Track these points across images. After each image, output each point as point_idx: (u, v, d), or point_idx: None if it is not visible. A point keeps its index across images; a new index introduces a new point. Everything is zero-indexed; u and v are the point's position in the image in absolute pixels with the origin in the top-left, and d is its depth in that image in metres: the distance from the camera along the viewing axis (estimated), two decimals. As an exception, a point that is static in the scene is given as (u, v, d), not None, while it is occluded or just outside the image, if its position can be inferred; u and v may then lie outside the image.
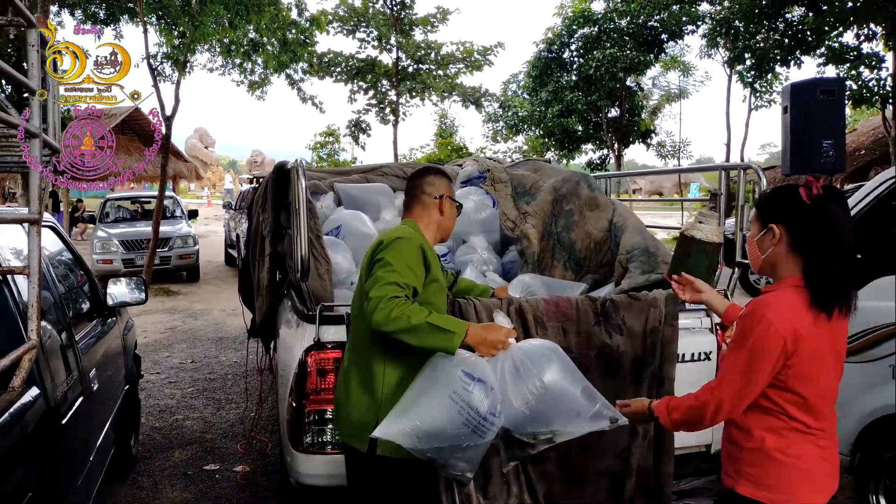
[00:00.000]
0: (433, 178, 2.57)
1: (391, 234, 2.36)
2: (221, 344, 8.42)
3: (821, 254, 1.93)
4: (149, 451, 4.97)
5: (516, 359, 2.19)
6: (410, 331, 2.09)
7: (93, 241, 13.30)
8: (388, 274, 2.18)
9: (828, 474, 2.01)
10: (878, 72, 13.51)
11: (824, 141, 5.30)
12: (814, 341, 1.91)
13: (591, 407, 2.21)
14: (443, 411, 2.09)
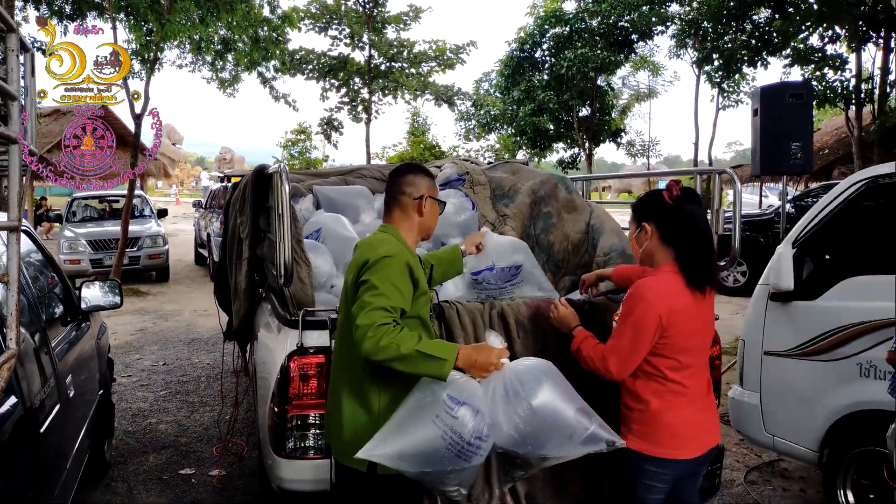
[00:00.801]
0: (412, 178, 2.47)
1: (375, 250, 2.25)
2: (194, 345, 8.33)
3: (686, 244, 2.36)
4: (122, 456, 4.91)
5: (507, 380, 2.14)
6: (400, 360, 2.05)
7: (59, 241, 13.04)
8: (374, 298, 2.12)
9: (704, 430, 2.44)
10: (842, 73, 13.84)
11: (793, 143, 5.43)
12: (689, 315, 2.33)
13: (586, 430, 2.16)
14: (426, 435, 2.05)
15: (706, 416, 2.47)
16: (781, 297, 3.89)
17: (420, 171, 2.52)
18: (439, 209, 2.53)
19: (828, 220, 3.82)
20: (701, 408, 2.44)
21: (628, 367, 2.35)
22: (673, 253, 2.38)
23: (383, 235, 2.37)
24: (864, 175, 3.79)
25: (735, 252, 3.26)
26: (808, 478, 4.50)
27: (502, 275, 3.13)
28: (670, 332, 2.31)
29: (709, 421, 2.48)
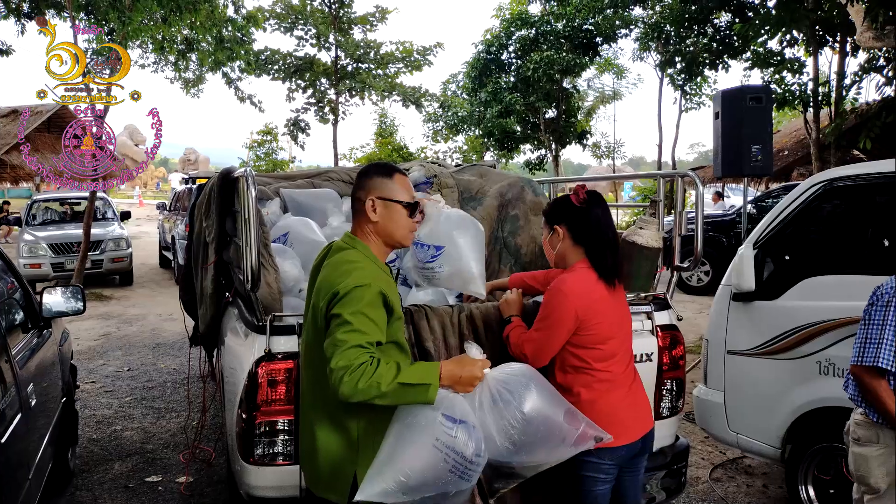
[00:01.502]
0: (362, 181, 2.27)
1: (345, 278, 2.04)
2: (159, 350, 8.21)
3: (595, 242, 2.54)
4: (87, 465, 4.82)
5: (493, 390, 2.09)
6: (382, 397, 1.93)
7: (19, 245, 12.73)
8: (348, 335, 1.95)
9: (636, 416, 2.57)
10: (800, 76, 14.15)
11: (753, 146, 5.54)
12: (606, 305, 2.50)
13: (576, 430, 2.14)
14: (427, 461, 1.96)
15: (636, 402, 2.60)
16: (743, 297, 3.98)
17: (372, 172, 2.29)
18: (403, 213, 2.23)
19: (787, 222, 3.92)
20: (629, 394, 2.56)
21: (543, 355, 2.48)
22: (583, 251, 2.56)
23: (351, 254, 2.17)
24: (822, 178, 3.89)
25: (698, 252, 3.33)
26: (770, 473, 4.60)
27: (421, 253, 3.01)
28: (591, 323, 2.46)
29: (640, 406, 2.61)
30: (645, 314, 3.18)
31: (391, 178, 2.25)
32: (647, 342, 3.14)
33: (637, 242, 3.19)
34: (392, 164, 2.37)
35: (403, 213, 2.23)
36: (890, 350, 2.63)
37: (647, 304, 3.20)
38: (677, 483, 3.26)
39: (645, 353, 3.13)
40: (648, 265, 3.23)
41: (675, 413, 3.29)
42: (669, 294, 3.36)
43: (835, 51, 14.01)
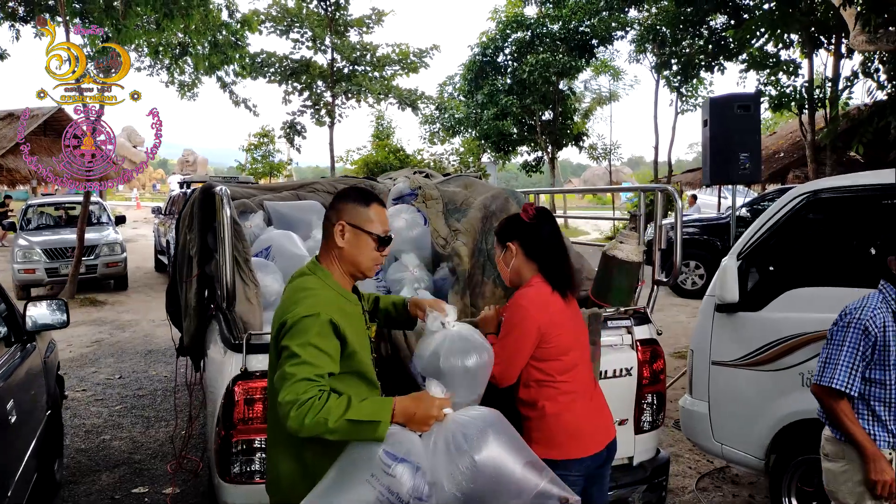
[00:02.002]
0: (337, 202, 2.22)
1: (295, 307, 2.01)
2: (151, 357, 8.20)
3: (547, 256, 2.60)
4: (74, 476, 4.82)
5: (449, 433, 1.96)
6: (330, 433, 1.87)
7: (13, 250, 12.71)
8: (296, 369, 1.90)
9: (600, 426, 2.62)
10: (795, 78, 14.16)
11: (741, 153, 5.55)
12: (564, 317, 2.56)
13: (535, 486, 1.99)
14: (360, 496, 1.88)
15: (598, 411, 2.65)
16: (727, 308, 3.98)
17: (350, 196, 2.23)
18: (372, 244, 2.18)
19: (771, 233, 3.92)
20: (592, 403, 2.62)
21: (511, 371, 2.50)
22: (537, 266, 2.62)
23: (308, 280, 2.13)
24: (806, 189, 3.89)
25: (676, 268, 3.33)
26: (757, 484, 4.60)
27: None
28: (552, 335, 2.50)
29: (602, 415, 2.66)
30: (625, 328, 3.18)
31: (367, 206, 2.20)
32: (626, 357, 3.15)
33: (617, 257, 3.20)
34: (371, 193, 2.29)
35: (372, 244, 2.18)
36: (846, 372, 2.67)
37: (626, 318, 3.20)
38: (658, 497, 3.26)
39: (625, 367, 3.13)
40: (628, 279, 3.24)
41: (656, 427, 3.29)
42: (650, 308, 3.36)
43: (830, 53, 14.04)
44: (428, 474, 1.93)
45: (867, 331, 2.65)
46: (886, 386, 2.68)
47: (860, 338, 2.66)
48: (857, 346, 2.66)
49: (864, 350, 2.66)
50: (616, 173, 44.61)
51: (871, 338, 2.65)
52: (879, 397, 2.70)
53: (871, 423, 2.72)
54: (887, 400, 2.69)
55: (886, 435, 2.71)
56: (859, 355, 2.67)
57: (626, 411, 3.18)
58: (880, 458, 2.64)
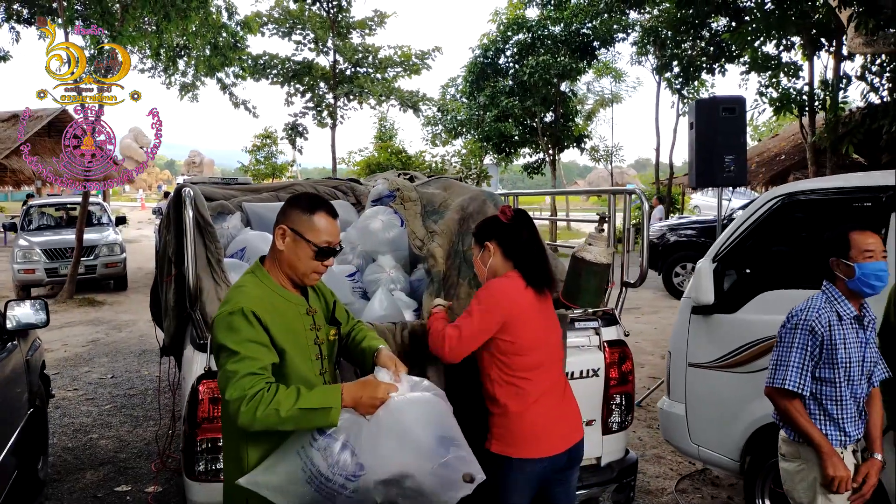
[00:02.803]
0: (285, 206, 2.23)
1: (223, 307, 2.06)
2: (144, 357, 8.26)
3: (524, 255, 2.66)
4: (59, 474, 4.86)
5: (386, 416, 2.00)
6: (283, 423, 1.90)
7: (14, 250, 12.81)
8: (237, 365, 1.93)
9: (563, 429, 2.60)
10: (796, 80, 14.12)
11: (726, 156, 5.55)
12: (533, 313, 2.59)
13: (441, 457, 1.99)
14: (289, 466, 1.97)
15: (565, 414, 2.64)
16: (703, 310, 3.99)
17: (299, 202, 2.23)
18: (310, 253, 2.15)
19: (746, 235, 3.93)
20: (558, 405, 2.61)
21: (461, 350, 2.54)
22: (513, 264, 2.67)
23: (244, 278, 2.18)
24: (781, 192, 3.90)
25: (643, 269, 3.35)
26: (737, 485, 4.60)
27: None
28: (516, 327, 2.53)
29: (568, 418, 2.65)
30: (592, 330, 3.20)
31: (312, 214, 2.17)
32: (593, 357, 3.17)
33: (585, 258, 3.21)
34: (322, 201, 2.25)
35: (310, 253, 2.15)
36: (796, 372, 2.71)
37: (594, 319, 3.21)
38: (626, 497, 3.28)
39: (591, 368, 3.15)
40: (597, 281, 3.24)
41: (624, 427, 3.31)
42: (618, 310, 3.37)
43: (831, 54, 13.99)
44: (359, 454, 1.96)
45: (814, 331, 2.70)
46: (835, 384, 2.73)
47: (808, 338, 2.70)
48: (806, 346, 2.71)
49: (812, 350, 2.71)
50: (621, 175, 44.61)
51: (818, 337, 2.70)
52: (830, 396, 2.75)
53: (824, 421, 2.76)
54: (837, 398, 2.74)
55: (838, 433, 2.75)
56: (808, 355, 2.71)
57: (594, 412, 3.19)
58: (834, 454, 2.68)
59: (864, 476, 2.75)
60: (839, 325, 2.71)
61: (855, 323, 2.75)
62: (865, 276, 2.67)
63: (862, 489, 2.74)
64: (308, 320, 2.21)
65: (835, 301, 2.75)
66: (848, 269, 2.71)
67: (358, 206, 4.62)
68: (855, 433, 2.78)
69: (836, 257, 2.76)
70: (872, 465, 2.78)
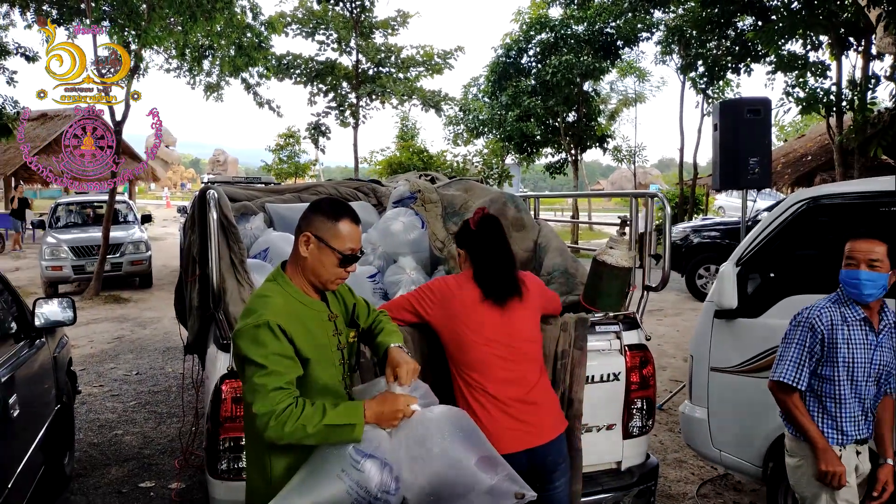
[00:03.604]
0: (308, 212, 2.21)
1: (246, 318, 2.04)
2: (169, 354, 8.36)
3: (479, 262, 2.73)
4: (85, 469, 4.94)
5: (412, 428, 2.02)
6: (308, 438, 1.95)
7: (42, 247, 13.03)
8: (265, 379, 1.94)
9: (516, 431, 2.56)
10: (823, 80, 13.91)
11: (751, 158, 5.49)
12: (483, 317, 2.64)
13: (489, 480, 2.00)
14: (331, 492, 1.95)
15: (523, 416, 2.60)
16: (726, 314, 3.95)
17: (322, 208, 2.21)
18: (335, 260, 2.14)
19: (770, 239, 3.89)
20: (516, 406, 2.59)
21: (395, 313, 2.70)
22: (472, 270, 2.76)
23: (267, 287, 2.18)
24: (806, 195, 3.86)
25: (665, 273, 3.32)
26: (759, 491, 4.55)
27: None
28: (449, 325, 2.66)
29: (531, 420, 2.60)
30: (613, 334, 3.18)
31: (336, 221, 2.16)
32: (614, 361, 3.15)
33: (606, 262, 3.20)
34: (346, 207, 2.23)
35: (334, 260, 2.14)
36: (793, 367, 2.83)
37: (615, 323, 3.20)
38: (646, 502, 3.26)
39: (612, 372, 3.14)
40: (618, 284, 3.24)
41: (645, 432, 3.28)
42: (640, 313, 3.36)
43: (860, 54, 13.77)
44: (395, 469, 1.99)
45: (813, 328, 2.82)
46: (835, 382, 2.81)
47: (806, 334, 2.83)
48: (804, 342, 2.83)
49: (811, 346, 2.82)
50: (644, 175, 44.26)
51: (818, 334, 2.81)
52: (829, 393, 2.83)
53: (822, 418, 2.85)
54: (837, 396, 2.81)
55: (835, 432, 2.82)
56: (806, 351, 2.82)
57: (615, 416, 3.18)
58: (828, 449, 2.77)
59: (883, 484, 2.83)
60: (843, 326, 2.80)
61: (864, 325, 2.82)
62: (843, 282, 2.84)
63: (882, 496, 2.82)
64: (330, 326, 2.22)
65: (842, 303, 2.86)
66: None
67: (379, 208, 4.64)
68: (854, 433, 2.84)
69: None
70: (886, 471, 2.84)
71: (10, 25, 16.56)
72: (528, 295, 2.75)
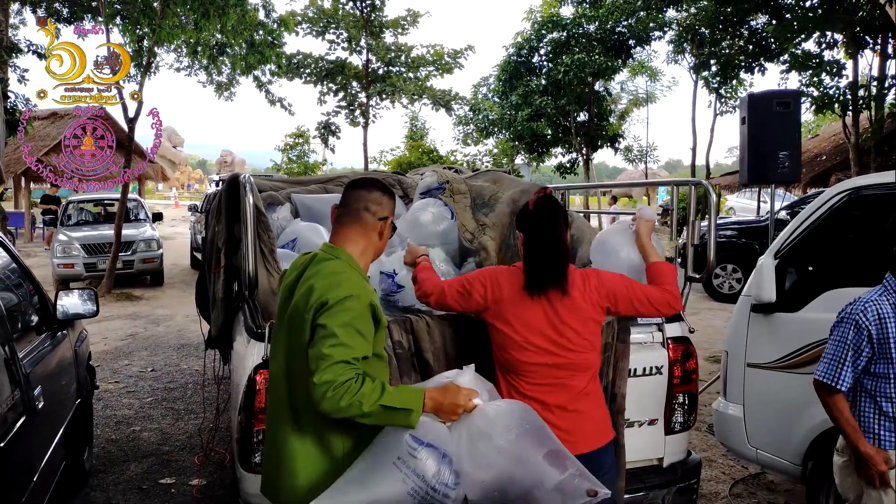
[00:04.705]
0: (380, 196, 2.22)
1: (335, 289, 1.99)
2: (183, 351, 8.29)
3: (527, 249, 2.50)
4: (104, 465, 4.87)
5: (474, 423, 1.95)
6: (363, 416, 1.88)
7: (54, 245, 13.00)
8: (334, 350, 1.89)
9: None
10: (839, 79, 13.78)
11: (780, 152, 5.39)
12: (522, 311, 2.40)
13: (558, 475, 1.91)
14: (385, 479, 1.88)
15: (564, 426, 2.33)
16: (763, 308, 3.85)
17: (388, 190, 2.28)
18: (389, 235, 2.30)
19: (810, 231, 3.78)
20: (555, 418, 2.32)
21: (440, 297, 2.56)
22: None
23: (338, 265, 2.10)
24: (847, 186, 3.75)
25: (710, 262, 3.23)
26: (793, 491, 4.45)
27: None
28: (498, 315, 2.44)
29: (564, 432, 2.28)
30: (655, 326, 3.09)
31: (392, 198, 2.30)
32: (656, 355, 3.06)
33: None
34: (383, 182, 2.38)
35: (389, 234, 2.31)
36: (833, 365, 2.69)
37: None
38: (689, 500, 3.16)
39: (655, 365, 3.04)
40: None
41: (687, 427, 3.19)
42: (682, 305, 3.25)
43: (876, 53, 13.64)
44: (455, 463, 1.92)
45: (858, 325, 2.63)
46: (890, 380, 2.62)
47: (850, 331, 2.65)
48: (846, 340, 2.65)
49: (856, 343, 2.63)
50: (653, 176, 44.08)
51: (863, 331, 2.62)
52: (884, 392, 2.64)
53: (879, 420, 2.67)
54: (892, 395, 2.63)
55: (891, 434, 2.63)
56: (849, 349, 2.64)
57: (656, 411, 3.08)
58: (872, 455, 2.61)
59: None
60: (894, 318, 2.60)
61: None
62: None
63: None
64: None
65: (890, 293, 2.66)
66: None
67: (405, 199, 4.56)
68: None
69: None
70: None
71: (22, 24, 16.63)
72: (578, 293, 2.43)
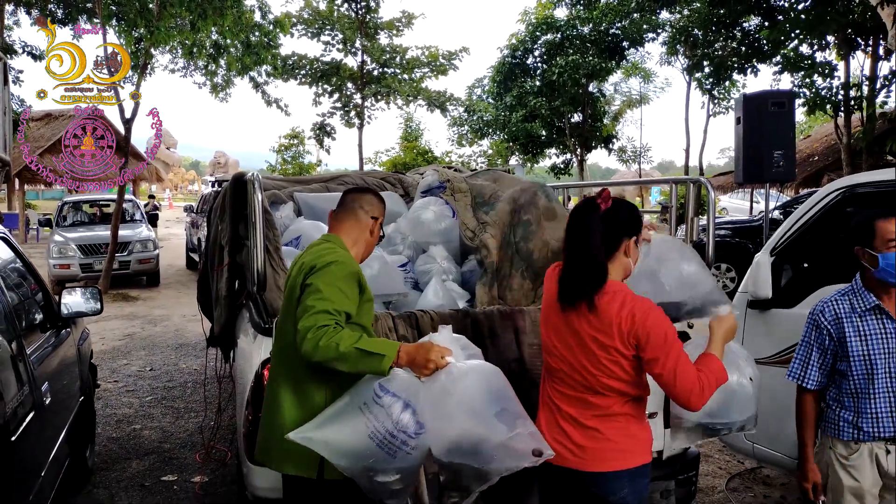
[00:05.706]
0: (373, 198, 2.56)
1: (322, 257, 2.27)
2: (181, 351, 8.32)
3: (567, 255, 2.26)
4: (105, 463, 4.89)
5: (442, 378, 2.02)
6: (339, 359, 2.03)
7: (49, 246, 12.98)
8: (317, 302, 2.13)
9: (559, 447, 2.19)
10: (831, 80, 13.89)
11: (775, 151, 5.46)
12: (555, 318, 2.25)
13: (507, 434, 1.94)
14: (350, 421, 2.03)
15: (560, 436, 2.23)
16: (759, 304, 3.91)
17: (380, 197, 2.62)
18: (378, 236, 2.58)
19: (805, 229, 3.85)
20: (556, 421, 2.25)
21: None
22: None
23: (328, 245, 2.38)
24: (842, 184, 3.82)
25: (709, 258, 3.28)
26: (789, 485, 4.51)
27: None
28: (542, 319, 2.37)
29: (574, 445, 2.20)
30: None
31: (382, 202, 2.60)
32: (655, 349, 3.09)
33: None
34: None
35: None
36: (799, 364, 2.81)
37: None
38: (687, 492, 3.22)
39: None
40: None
41: (686, 421, 3.23)
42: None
43: (867, 54, 13.76)
44: (419, 414, 2.03)
45: (818, 325, 2.73)
46: (849, 377, 2.68)
47: (812, 331, 2.76)
48: (809, 339, 2.76)
49: (819, 342, 2.73)
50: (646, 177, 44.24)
51: (823, 330, 2.71)
52: (846, 389, 2.71)
53: (840, 414, 2.72)
54: (853, 392, 2.69)
55: (852, 429, 2.68)
56: (813, 348, 2.75)
57: (656, 404, 3.13)
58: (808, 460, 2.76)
59: None
60: (852, 317, 2.65)
61: (879, 314, 2.62)
62: (888, 266, 2.55)
63: None
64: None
65: (853, 293, 2.71)
66: (872, 259, 2.61)
67: (406, 198, 4.61)
68: (872, 431, 2.63)
69: (860, 246, 2.66)
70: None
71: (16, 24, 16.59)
72: (607, 315, 2.13)
